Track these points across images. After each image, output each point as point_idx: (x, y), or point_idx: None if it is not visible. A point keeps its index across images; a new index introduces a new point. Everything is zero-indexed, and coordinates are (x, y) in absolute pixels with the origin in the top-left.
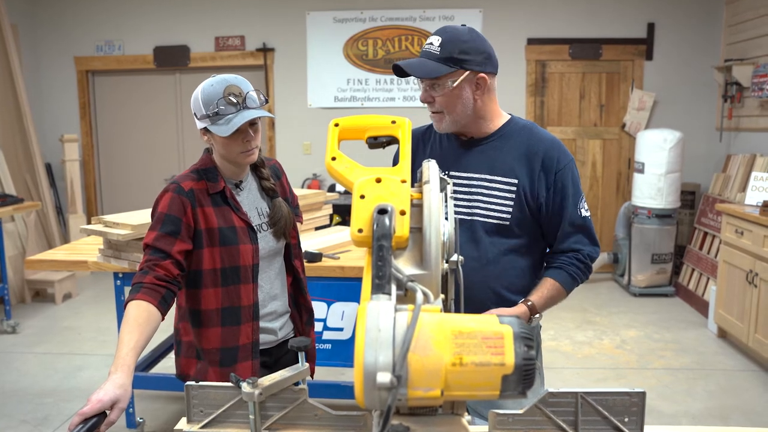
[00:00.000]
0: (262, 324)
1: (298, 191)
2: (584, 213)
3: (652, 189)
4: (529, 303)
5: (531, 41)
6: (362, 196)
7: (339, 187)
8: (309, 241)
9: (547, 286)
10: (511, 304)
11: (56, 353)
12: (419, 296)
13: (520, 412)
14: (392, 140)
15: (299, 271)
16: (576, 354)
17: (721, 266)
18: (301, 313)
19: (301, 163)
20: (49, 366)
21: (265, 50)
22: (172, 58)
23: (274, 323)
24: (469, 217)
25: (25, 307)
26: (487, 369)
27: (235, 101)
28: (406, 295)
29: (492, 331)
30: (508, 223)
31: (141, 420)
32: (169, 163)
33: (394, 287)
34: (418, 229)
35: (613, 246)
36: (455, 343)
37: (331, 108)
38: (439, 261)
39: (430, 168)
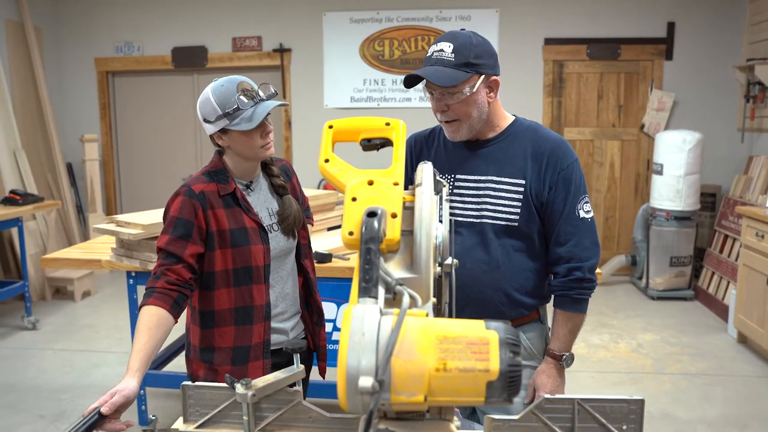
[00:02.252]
0: (273, 324)
1: (312, 191)
2: (584, 214)
3: (671, 191)
4: (552, 352)
5: (548, 41)
6: (354, 199)
7: None
8: (320, 242)
9: (561, 321)
10: (522, 305)
11: (74, 350)
12: (405, 300)
13: (516, 417)
14: (386, 142)
15: (309, 271)
16: (591, 357)
17: (741, 270)
18: (311, 314)
19: (317, 163)
20: (66, 362)
21: (282, 51)
22: (190, 59)
23: (286, 323)
24: (479, 220)
25: (46, 304)
26: (472, 375)
27: (251, 95)
28: (394, 299)
29: (477, 337)
30: (517, 224)
31: (153, 417)
32: (187, 163)
33: (382, 291)
34: (410, 232)
35: (631, 248)
36: (440, 348)
37: (348, 108)
38: (430, 264)
39: (424, 170)
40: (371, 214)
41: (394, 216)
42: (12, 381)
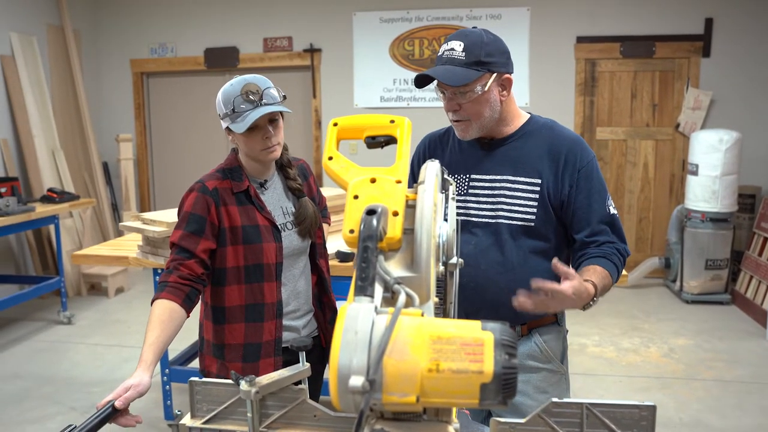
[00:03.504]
0: (285, 322)
1: (338, 191)
2: (612, 210)
3: (707, 192)
4: (591, 282)
5: (580, 39)
6: (356, 197)
7: None
8: (342, 241)
9: (599, 271)
10: None
11: (106, 345)
12: (401, 299)
13: (522, 421)
14: (390, 140)
15: (324, 271)
16: (620, 361)
17: None
18: (324, 312)
19: (358, 161)
20: (98, 357)
21: (312, 51)
22: (221, 60)
23: (298, 321)
24: (494, 220)
25: (81, 299)
26: (465, 376)
27: (251, 98)
28: (393, 298)
29: (472, 338)
30: (533, 224)
31: (179, 412)
32: (218, 161)
33: (380, 289)
34: (412, 231)
35: (665, 250)
36: (433, 349)
37: (378, 108)
38: (430, 263)
39: (428, 168)
40: (370, 212)
41: (395, 214)
42: (47, 373)
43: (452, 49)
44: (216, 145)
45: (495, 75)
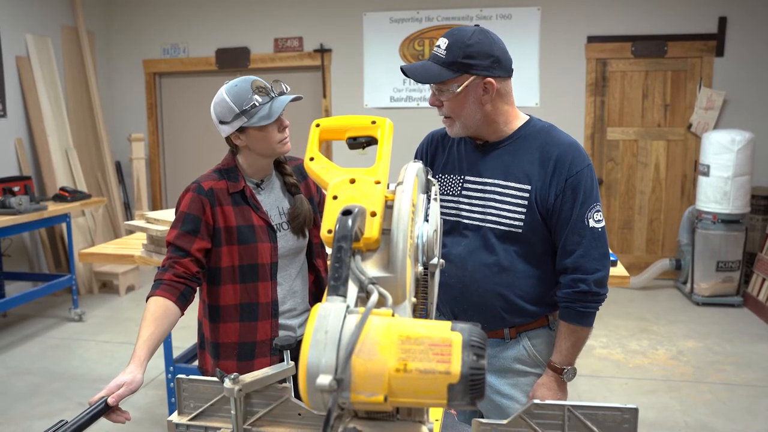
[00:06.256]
0: (281, 321)
1: None
2: (593, 223)
3: (718, 193)
4: (553, 365)
5: (591, 39)
6: (335, 197)
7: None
8: None
9: (564, 334)
10: (525, 312)
11: (115, 342)
12: (372, 299)
13: (504, 422)
14: (371, 141)
15: (321, 271)
16: (627, 364)
17: None
18: None
19: (358, 163)
20: (107, 354)
21: (323, 51)
22: (233, 60)
23: (294, 320)
24: (483, 224)
25: (93, 297)
26: (432, 377)
27: (265, 92)
28: (367, 298)
29: (440, 338)
30: (520, 230)
31: None
32: None
33: (355, 289)
34: (390, 231)
35: (676, 252)
36: (401, 349)
37: (388, 108)
38: (405, 264)
39: (408, 169)
40: (346, 213)
41: (373, 215)
42: (58, 369)
43: (438, 46)
44: (226, 144)
45: (473, 78)
